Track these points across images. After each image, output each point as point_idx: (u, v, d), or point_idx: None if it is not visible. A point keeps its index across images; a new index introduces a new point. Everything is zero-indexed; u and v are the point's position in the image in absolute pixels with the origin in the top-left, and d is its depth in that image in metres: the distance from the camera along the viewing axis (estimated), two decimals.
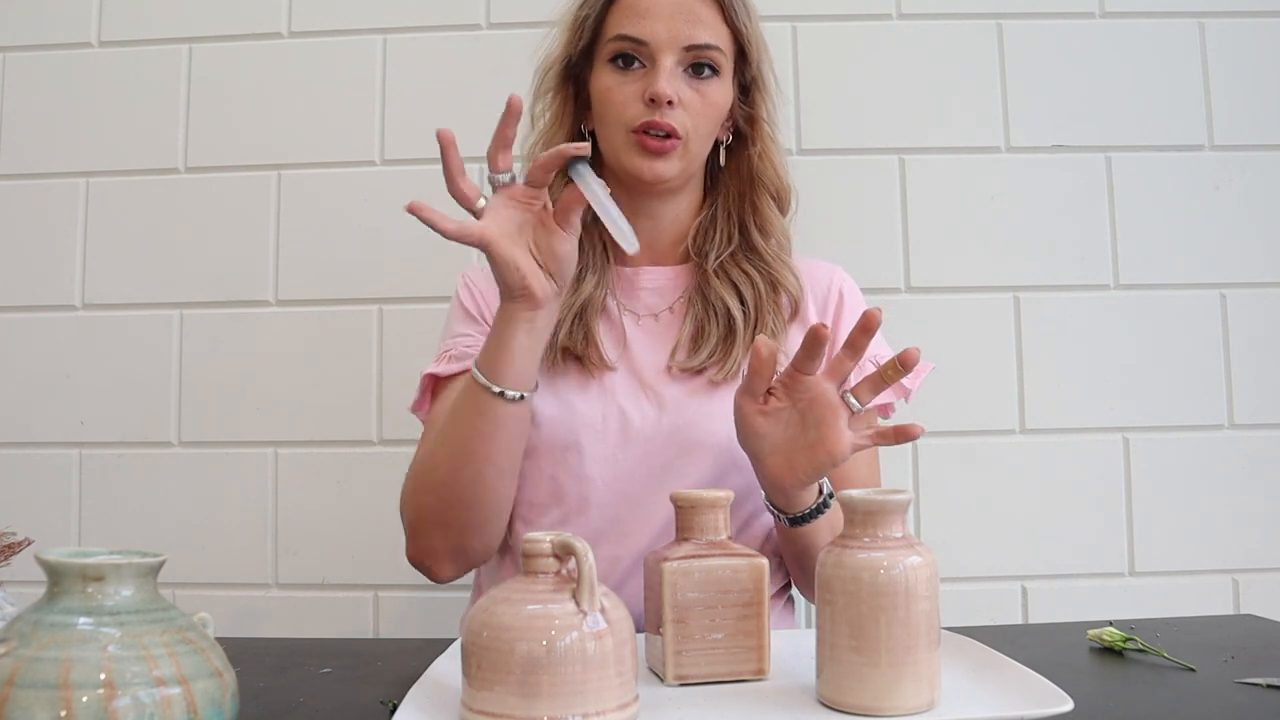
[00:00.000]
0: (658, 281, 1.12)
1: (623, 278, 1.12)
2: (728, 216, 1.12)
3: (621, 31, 1.05)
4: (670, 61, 1.03)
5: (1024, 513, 1.54)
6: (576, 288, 1.08)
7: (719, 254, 1.10)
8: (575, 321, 1.07)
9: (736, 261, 1.10)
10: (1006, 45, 1.59)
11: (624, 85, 1.05)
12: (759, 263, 1.10)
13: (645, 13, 1.04)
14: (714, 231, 1.11)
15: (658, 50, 1.03)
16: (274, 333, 1.58)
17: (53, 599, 0.60)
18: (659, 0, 1.04)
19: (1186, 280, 1.57)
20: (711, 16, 1.05)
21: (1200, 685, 0.82)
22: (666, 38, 1.03)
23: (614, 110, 1.05)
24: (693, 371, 1.06)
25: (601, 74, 1.07)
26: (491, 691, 0.64)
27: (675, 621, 0.77)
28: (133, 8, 1.62)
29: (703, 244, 1.11)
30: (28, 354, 1.59)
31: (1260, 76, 1.58)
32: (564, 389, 1.06)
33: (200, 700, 0.59)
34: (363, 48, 1.60)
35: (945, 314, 1.55)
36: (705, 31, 1.04)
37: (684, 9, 1.04)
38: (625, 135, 1.05)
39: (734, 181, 1.13)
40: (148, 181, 1.61)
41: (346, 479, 1.56)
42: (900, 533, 0.72)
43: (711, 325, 1.07)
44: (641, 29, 1.04)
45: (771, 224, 1.12)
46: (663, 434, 1.04)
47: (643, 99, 1.03)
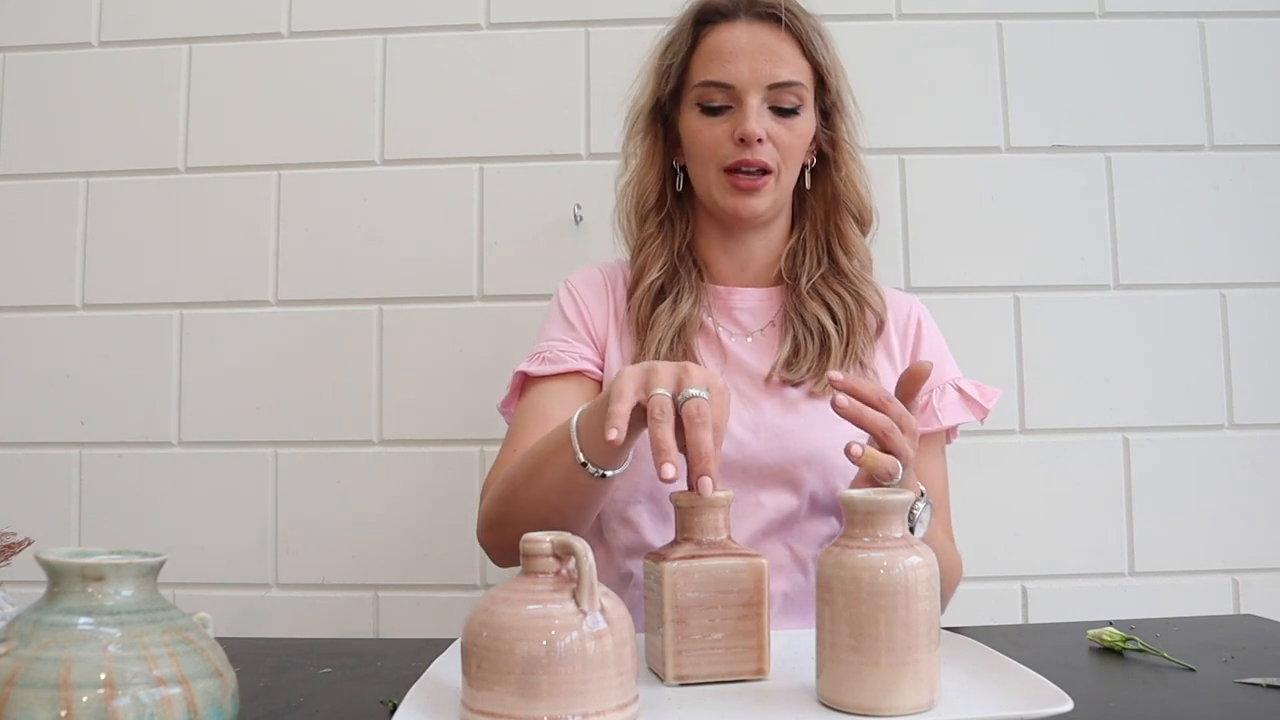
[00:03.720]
0: (750, 303, 1.17)
1: (717, 297, 1.17)
2: (815, 239, 1.17)
3: (708, 78, 1.09)
4: (756, 101, 1.07)
5: (1024, 513, 1.54)
6: (674, 307, 1.13)
7: (810, 276, 1.14)
8: (675, 339, 1.11)
9: (827, 282, 1.14)
10: (1006, 45, 1.59)
11: (713, 127, 1.09)
12: (846, 283, 1.15)
13: (729, 56, 1.08)
14: (804, 255, 1.16)
15: (743, 91, 1.07)
16: (274, 333, 1.58)
17: (53, 599, 0.60)
18: (740, 42, 1.08)
19: (1186, 280, 1.57)
20: (791, 53, 1.09)
21: (1200, 685, 0.82)
22: (750, 78, 1.07)
23: (705, 151, 1.10)
24: (792, 384, 1.10)
25: (690, 117, 1.12)
26: (491, 691, 0.64)
27: (675, 621, 0.77)
28: (133, 8, 1.62)
29: (794, 267, 1.16)
30: (28, 354, 1.59)
31: (1260, 76, 1.58)
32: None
33: (200, 700, 0.59)
34: (363, 48, 1.60)
35: (945, 314, 1.55)
36: (786, 69, 1.08)
37: (765, 48, 1.08)
38: (718, 174, 1.10)
39: (820, 204, 1.18)
40: (148, 181, 1.61)
41: (346, 479, 1.56)
42: (900, 533, 0.72)
43: (808, 342, 1.11)
44: (726, 73, 1.08)
45: (854, 245, 1.16)
46: (761, 441, 1.08)
47: (732, 139, 1.08)
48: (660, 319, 1.12)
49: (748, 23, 1.09)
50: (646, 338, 1.11)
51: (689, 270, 1.15)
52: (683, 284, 1.14)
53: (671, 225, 1.17)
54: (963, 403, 1.14)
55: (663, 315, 1.12)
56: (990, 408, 1.15)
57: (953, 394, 1.14)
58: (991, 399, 1.15)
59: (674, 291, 1.13)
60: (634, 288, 1.15)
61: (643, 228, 1.17)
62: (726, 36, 1.09)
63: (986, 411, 1.15)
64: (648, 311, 1.13)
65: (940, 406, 1.13)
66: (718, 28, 1.10)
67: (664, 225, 1.16)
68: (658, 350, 1.09)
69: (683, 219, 1.17)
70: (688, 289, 1.14)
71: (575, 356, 1.12)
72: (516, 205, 1.56)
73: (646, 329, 1.12)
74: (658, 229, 1.16)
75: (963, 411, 1.13)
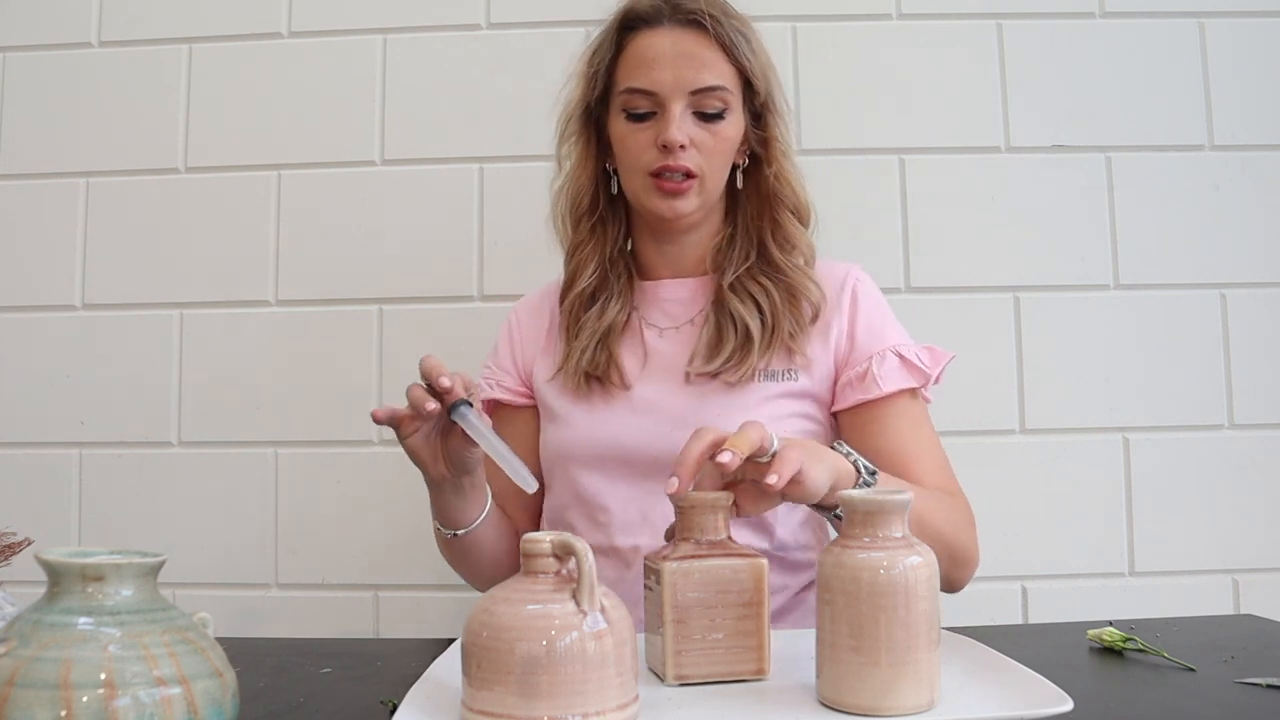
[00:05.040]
0: (680, 294, 1.17)
1: (646, 291, 1.18)
2: (746, 233, 1.17)
3: (631, 85, 1.10)
4: (679, 107, 1.08)
5: (1024, 513, 1.54)
6: (602, 313, 1.15)
7: (736, 269, 1.14)
8: (598, 347, 1.13)
9: (753, 275, 1.14)
10: (1006, 45, 1.58)
11: (638, 133, 1.10)
12: (776, 275, 1.14)
13: (652, 63, 1.09)
14: (732, 249, 1.16)
15: (666, 98, 1.08)
16: (274, 333, 1.58)
17: (53, 599, 0.60)
18: (663, 48, 1.09)
19: (1186, 280, 1.56)
20: (715, 58, 1.09)
21: (1200, 685, 0.82)
22: (673, 85, 1.08)
23: (630, 157, 1.11)
24: (709, 376, 1.10)
25: (616, 122, 1.13)
26: (491, 691, 0.65)
27: (675, 621, 0.77)
28: (133, 8, 1.62)
29: (721, 260, 1.16)
30: (28, 354, 1.59)
31: (1260, 76, 1.58)
32: (587, 406, 1.13)
33: (200, 700, 0.59)
34: (363, 48, 1.60)
35: (945, 314, 1.55)
36: (709, 74, 1.09)
37: (688, 54, 1.09)
38: (644, 179, 1.11)
39: (752, 201, 1.18)
40: (148, 181, 1.60)
41: (346, 479, 1.56)
42: (900, 533, 0.72)
43: (729, 334, 1.11)
44: (649, 80, 1.09)
45: (794, 239, 1.16)
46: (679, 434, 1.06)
47: (656, 145, 1.08)
48: (587, 325, 1.15)
49: (670, 29, 1.10)
50: (572, 345, 1.15)
51: (619, 274, 1.17)
52: (612, 288, 1.16)
53: (604, 228, 1.18)
54: (903, 368, 1.10)
55: (589, 321, 1.15)
56: (935, 373, 1.12)
57: (893, 360, 1.11)
58: (941, 362, 1.12)
59: (604, 296, 1.16)
60: (566, 292, 1.18)
61: (576, 230, 1.19)
62: (650, 43, 1.10)
63: (929, 377, 1.11)
64: (577, 316, 1.16)
65: (880, 373, 1.10)
66: (641, 34, 1.11)
67: (597, 229, 1.18)
68: (581, 356, 1.13)
69: (616, 221, 1.19)
70: (617, 293, 1.16)
71: (494, 384, 1.20)
72: (516, 205, 1.56)
73: (574, 335, 1.15)
74: (590, 233, 1.18)
75: (904, 378, 1.10)
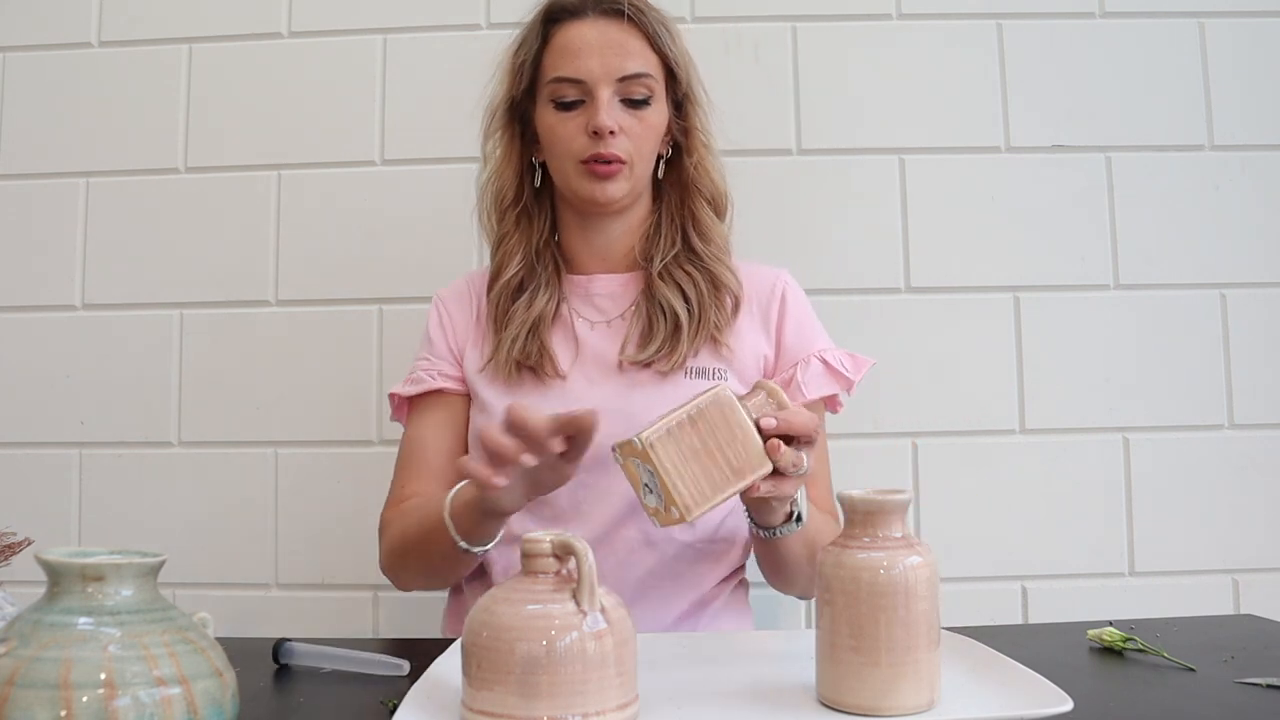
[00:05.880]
0: (610, 288, 1.19)
1: (577, 286, 1.19)
2: (670, 223, 1.19)
3: (558, 74, 1.12)
4: (607, 94, 1.11)
5: (1024, 513, 1.54)
6: (531, 302, 1.16)
7: (663, 258, 1.16)
8: (530, 336, 1.14)
9: (680, 264, 1.16)
10: (1006, 45, 1.58)
11: (567, 122, 1.12)
12: (699, 263, 1.16)
13: (578, 52, 1.12)
14: (658, 238, 1.18)
15: (594, 85, 1.11)
16: (274, 333, 1.58)
17: (53, 599, 0.60)
18: (589, 38, 1.12)
19: (1186, 280, 1.56)
20: (639, 46, 1.13)
21: (1200, 685, 0.82)
22: (600, 72, 1.11)
23: (561, 145, 1.13)
24: (641, 365, 1.12)
25: (545, 113, 1.15)
26: (491, 691, 0.65)
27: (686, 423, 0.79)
28: (133, 8, 1.62)
29: (649, 250, 1.18)
30: (28, 354, 1.59)
31: (1260, 76, 1.58)
32: (519, 396, 1.13)
33: (200, 700, 0.59)
34: (363, 48, 1.60)
35: (945, 314, 1.55)
36: (635, 61, 1.12)
37: (613, 43, 1.12)
38: (575, 166, 1.13)
39: (674, 190, 1.20)
40: (148, 181, 1.60)
41: (346, 479, 1.56)
42: (900, 533, 0.72)
43: (659, 323, 1.13)
44: (576, 68, 1.11)
45: (709, 228, 1.18)
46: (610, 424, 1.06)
47: (586, 132, 1.11)
48: (516, 315, 1.15)
49: (595, 19, 1.12)
50: (503, 335, 1.15)
51: (546, 265, 1.18)
52: (540, 279, 1.17)
53: (529, 220, 1.19)
54: (827, 374, 1.14)
55: (518, 311, 1.15)
56: (857, 379, 1.15)
57: (817, 366, 1.15)
58: (862, 368, 1.16)
59: (531, 286, 1.16)
60: (492, 283, 1.19)
61: (502, 222, 1.20)
62: (575, 33, 1.12)
63: (852, 383, 1.15)
64: (505, 308, 1.16)
65: (804, 380, 1.14)
66: (567, 25, 1.13)
67: (521, 220, 1.19)
68: (512, 346, 1.13)
69: (541, 214, 1.20)
70: (545, 283, 1.17)
71: (435, 375, 1.19)
72: None
73: (503, 326, 1.15)
74: (515, 224, 1.19)
75: (828, 383, 1.14)
